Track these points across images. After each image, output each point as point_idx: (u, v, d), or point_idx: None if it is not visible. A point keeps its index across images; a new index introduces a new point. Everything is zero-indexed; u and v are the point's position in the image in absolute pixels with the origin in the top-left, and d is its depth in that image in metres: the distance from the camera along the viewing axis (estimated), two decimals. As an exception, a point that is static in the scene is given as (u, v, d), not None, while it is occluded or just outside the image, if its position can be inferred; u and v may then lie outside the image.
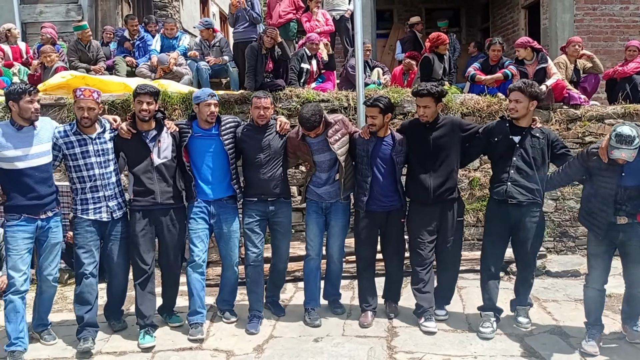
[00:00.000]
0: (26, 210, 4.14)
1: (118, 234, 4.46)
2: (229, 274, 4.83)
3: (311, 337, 4.47)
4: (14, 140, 4.06)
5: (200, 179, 4.60)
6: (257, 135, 4.65)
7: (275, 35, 6.73)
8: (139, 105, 4.35)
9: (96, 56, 8.45)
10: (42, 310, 4.44)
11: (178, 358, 4.18)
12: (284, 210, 4.79)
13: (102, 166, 4.34)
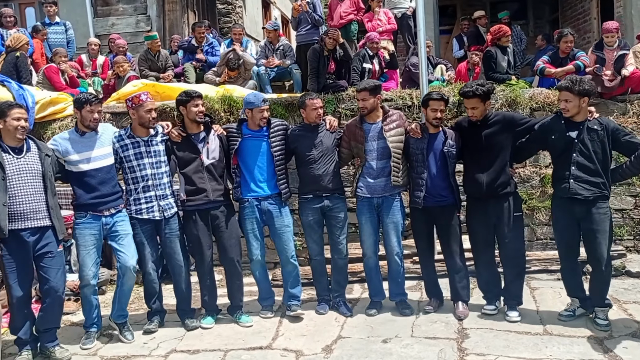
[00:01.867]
0: (91, 208, 4.46)
1: (173, 231, 4.71)
2: (289, 269, 4.93)
3: (380, 338, 4.44)
4: (78, 145, 4.44)
5: (249, 178, 4.80)
6: (309, 133, 4.87)
7: (337, 36, 6.74)
8: (195, 108, 4.65)
9: (165, 65, 8.73)
10: (122, 301, 4.63)
11: (249, 357, 4.25)
12: (339, 205, 4.93)
13: (155, 167, 4.62)
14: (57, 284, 4.25)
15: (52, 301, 4.27)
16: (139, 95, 4.57)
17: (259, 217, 4.84)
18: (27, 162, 4.15)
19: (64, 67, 7.87)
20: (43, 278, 4.25)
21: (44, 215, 4.18)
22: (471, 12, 10.59)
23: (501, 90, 6.52)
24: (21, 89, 6.41)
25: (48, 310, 4.30)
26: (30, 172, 4.14)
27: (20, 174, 4.09)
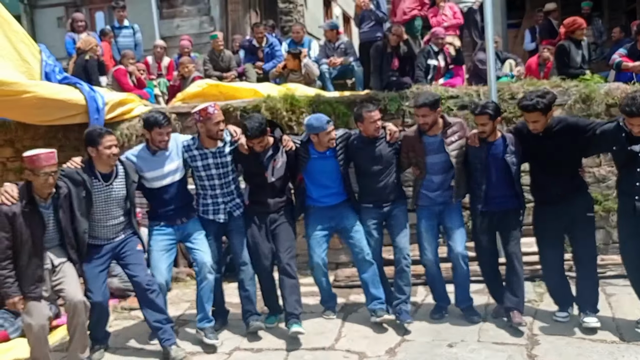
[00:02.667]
0: (164, 219, 4.54)
1: (240, 228, 4.71)
2: (366, 268, 4.73)
3: (445, 342, 4.32)
4: (150, 164, 4.45)
5: (316, 192, 4.73)
6: (368, 147, 4.67)
7: (401, 32, 6.63)
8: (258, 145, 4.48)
9: (229, 65, 8.84)
10: (204, 302, 4.58)
11: (311, 357, 4.23)
12: (399, 207, 4.79)
13: (222, 177, 4.61)
14: (142, 278, 4.32)
15: (144, 294, 4.32)
16: (206, 108, 4.44)
17: (326, 222, 4.76)
18: (115, 188, 4.26)
19: (132, 69, 8.12)
20: (130, 275, 4.38)
21: (122, 232, 4.38)
22: (542, 4, 10.18)
23: (574, 85, 6.22)
24: (92, 91, 6.62)
25: (145, 305, 4.35)
26: (115, 199, 4.27)
27: (106, 201, 4.22)
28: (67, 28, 9.69)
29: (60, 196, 4.02)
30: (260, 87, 7.37)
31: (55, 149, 7.04)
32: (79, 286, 4.17)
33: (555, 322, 4.52)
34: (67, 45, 8.88)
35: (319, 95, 6.87)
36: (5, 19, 6.25)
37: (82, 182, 4.11)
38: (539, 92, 4.26)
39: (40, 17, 12.37)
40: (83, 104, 6.46)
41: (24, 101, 5.88)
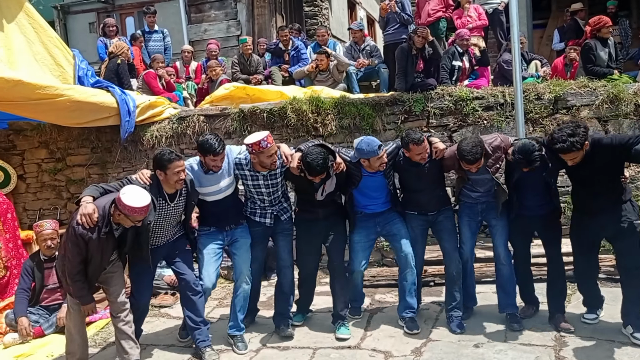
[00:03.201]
0: (214, 225, 4.59)
1: (285, 230, 4.73)
2: (406, 275, 4.68)
3: (471, 342, 4.32)
4: (204, 180, 4.45)
5: (363, 201, 4.69)
6: (413, 167, 4.54)
7: (427, 34, 6.63)
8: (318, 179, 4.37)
9: (256, 68, 8.95)
10: (237, 310, 4.60)
11: (338, 356, 4.28)
12: (445, 214, 4.73)
13: (272, 194, 4.61)
14: (189, 277, 4.40)
15: (190, 293, 4.39)
16: (259, 142, 4.25)
17: (373, 228, 4.73)
18: (176, 207, 4.31)
19: (162, 72, 8.28)
20: (177, 273, 4.46)
21: (177, 235, 4.47)
22: (568, 5, 10.09)
23: (602, 85, 6.17)
24: (124, 94, 6.80)
25: (189, 304, 4.42)
26: (174, 216, 4.34)
27: (165, 218, 4.27)
28: (99, 33, 9.92)
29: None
30: (286, 89, 7.46)
31: (88, 150, 7.39)
32: (124, 285, 4.27)
33: (584, 323, 4.49)
34: (99, 50, 9.09)
35: (344, 97, 6.94)
36: (41, 25, 6.46)
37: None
38: (569, 131, 3.91)
39: (73, 23, 12.69)
40: (115, 107, 6.64)
41: (59, 104, 6.06)
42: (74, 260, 3.87)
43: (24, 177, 7.74)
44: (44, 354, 4.66)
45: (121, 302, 4.17)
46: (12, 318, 5.02)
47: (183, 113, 7.28)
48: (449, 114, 6.46)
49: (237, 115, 6.91)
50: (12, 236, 5.82)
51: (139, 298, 4.36)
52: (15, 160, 7.69)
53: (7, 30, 6.12)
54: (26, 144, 7.71)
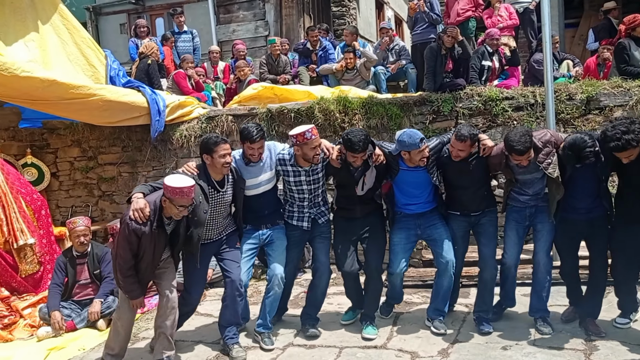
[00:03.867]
0: (251, 222, 4.61)
1: (322, 234, 4.71)
2: (443, 279, 4.63)
3: (499, 345, 4.28)
4: (245, 172, 4.47)
5: (403, 200, 4.62)
6: (457, 163, 4.41)
7: (456, 34, 6.59)
8: (353, 159, 4.35)
9: (284, 69, 9.00)
10: (267, 310, 4.61)
11: (364, 355, 4.28)
12: (488, 217, 4.61)
13: (312, 192, 4.60)
14: (235, 276, 4.43)
15: (235, 293, 4.42)
16: (303, 133, 4.28)
17: (413, 230, 4.65)
18: (224, 196, 4.35)
19: (191, 72, 8.38)
20: (224, 270, 4.50)
21: (229, 230, 4.51)
22: (600, 4, 9.91)
23: (636, 85, 6.04)
24: (154, 94, 6.90)
25: (230, 303, 4.46)
26: (224, 205, 4.39)
27: (216, 207, 4.32)
28: (130, 34, 10.09)
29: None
30: (313, 89, 7.48)
31: (119, 149, 7.52)
32: (175, 282, 4.31)
33: (616, 328, 4.41)
34: (130, 50, 9.25)
35: (372, 97, 6.93)
36: (74, 26, 6.62)
37: (202, 192, 4.13)
38: (623, 128, 3.75)
39: (104, 24, 12.91)
40: (145, 106, 6.75)
41: (91, 103, 6.19)
42: (126, 256, 3.93)
43: (57, 175, 7.92)
44: (76, 347, 4.77)
45: (171, 298, 4.22)
46: (45, 312, 5.14)
47: (211, 113, 7.37)
48: (478, 115, 6.40)
49: (264, 115, 6.96)
50: (46, 232, 5.97)
51: (191, 293, 4.44)
52: (49, 159, 7.87)
53: (42, 32, 6.29)
54: (59, 142, 7.89)
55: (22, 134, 7.80)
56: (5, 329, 5.18)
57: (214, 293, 5.99)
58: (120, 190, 7.69)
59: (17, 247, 5.51)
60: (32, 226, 5.69)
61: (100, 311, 5.16)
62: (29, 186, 6.14)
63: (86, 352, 4.69)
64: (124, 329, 4.25)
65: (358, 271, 4.78)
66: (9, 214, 5.49)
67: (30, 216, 5.77)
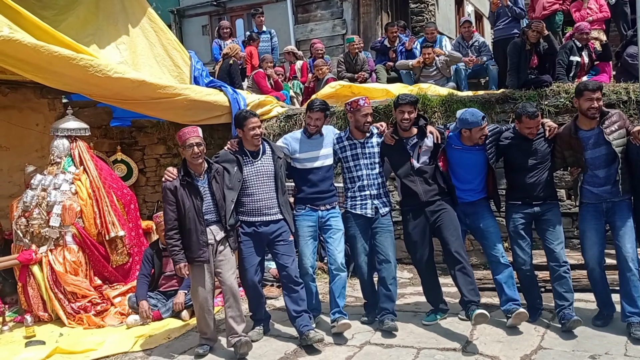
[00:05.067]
0: (310, 202, 4.81)
1: (384, 226, 4.80)
2: (500, 270, 4.64)
3: (587, 353, 4.08)
4: (306, 145, 4.85)
5: (457, 186, 4.72)
6: (524, 142, 4.53)
7: (542, 28, 6.35)
8: (401, 115, 4.65)
9: (362, 67, 8.99)
10: (336, 297, 4.74)
11: (443, 357, 4.21)
12: (551, 210, 4.58)
13: (369, 168, 4.78)
14: (291, 270, 4.62)
15: (292, 285, 4.61)
16: (357, 100, 4.74)
17: (463, 220, 4.73)
18: (263, 164, 4.66)
19: (270, 72, 8.54)
20: (280, 265, 4.68)
21: (275, 211, 4.67)
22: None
23: None
24: (235, 93, 7.08)
25: (290, 295, 4.63)
26: (265, 174, 4.65)
27: (257, 176, 4.63)
28: (213, 35, 10.40)
29: (212, 171, 4.50)
30: (392, 87, 7.44)
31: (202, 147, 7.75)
32: (235, 272, 4.59)
33: None
34: (213, 51, 9.55)
35: (451, 94, 6.80)
36: (161, 28, 6.91)
37: (234, 159, 4.61)
38: None
39: (188, 26, 13.41)
40: (227, 106, 6.95)
41: (177, 103, 6.45)
42: (167, 215, 4.39)
43: (144, 171, 8.30)
44: (162, 336, 4.98)
45: (229, 286, 4.47)
46: (134, 301, 5.42)
47: (290, 111, 7.47)
48: (565, 112, 6.12)
49: (342, 113, 6.98)
50: (135, 225, 6.27)
51: (248, 278, 4.61)
52: (137, 155, 8.26)
53: (132, 34, 6.62)
54: (146, 140, 8.26)
55: (113, 131, 8.22)
56: (98, 315, 5.51)
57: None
58: (203, 186, 7.92)
59: (109, 239, 5.82)
60: (122, 219, 5.98)
61: (184, 302, 5.38)
62: (119, 181, 6.46)
63: (171, 340, 4.89)
64: (203, 309, 4.48)
65: (431, 263, 4.80)
66: (101, 207, 5.81)
67: (121, 210, 6.07)
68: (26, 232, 5.74)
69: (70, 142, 6.04)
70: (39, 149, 7.34)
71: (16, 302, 5.90)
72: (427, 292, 4.97)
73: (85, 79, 5.56)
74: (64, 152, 6.00)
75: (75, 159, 5.97)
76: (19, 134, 7.23)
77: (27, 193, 5.88)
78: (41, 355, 4.53)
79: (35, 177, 5.98)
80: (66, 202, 5.69)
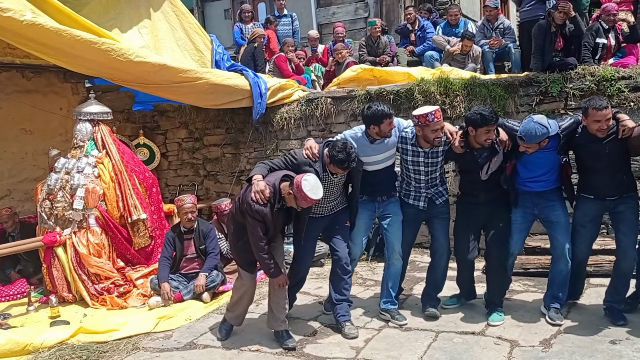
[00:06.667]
0: (367, 194, 4.64)
1: (440, 214, 4.68)
2: (560, 266, 4.45)
3: (607, 339, 4.04)
4: (367, 149, 4.51)
5: (523, 173, 4.44)
6: (592, 143, 4.17)
7: (569, 9, 6.20)
8: (485, 135, 4.23)
9: (383, 50, 8.90)
10: (389, 286, 4.70)
11: (461, 341, 4.20)
12: (627, 203, 4.29)
13: (429, 173, 4.58)
14: (342, 254, 4.52)
15: (340, 271, 4.53)
16: (426, 115, 4.28)
17: (529, 209, 4.48)
18: (338, 179, 4.43)
19: (291, 55, 8.51)
20: (332, 249, 4.62)
21: (340, 206, 4.57)
22: None
23: None
24: (256, 77, 7.10)
25: (336, 280, 4.57)
26: (337, 186, 4.46)
27: (329, 188, 4.38)
28: (234, 19, 10.38)
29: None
30: (413, 70, 7.36)
31: (223, 130, 7.82)
32: (283, 257, 4.53)
33: None
34: (235, 35, 9.53)
35: (474, 77, 6.71)
36: (183, 12, 6.93)
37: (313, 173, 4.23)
38: None
39: (210, 10, 13.37)
40: (248, 89, 6.97)
41: (198, 87, 6.48)
42: (257, 234, 4.08)
43: (166, 155, 8.38)
44: (183, 317, 5.06)
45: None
46: (156, 283, 5.50)
47: (311, 95, 7.45)
48: (590, 95, 5.96)
49: (363, 97, 6.94)
50: (157, 208, 6.35)
51: (300, 264, 4.60)
52: (159, 139, 8.34)
53: (154, 18, 6.64)
54: (168, 124, 8.33)
55: (135, 116, 8.31)
56: (120, 297, 5.61)
57: (311, 272, 6.10)
58: (224, 170, 8.01)
59: (131, 221, 5.90)
60: (144, 202, 6.06)
61: (205, 284, 5.44)
62: (141, 165, 6.53)
63: (192, 322, 4.97)
64: (247, 299, 4.51)
65: (474, 259, 4.71)
66: (124, 191, 5.89)
67: (143, 193, 6.14)
68: (50, 214, 5.86)
69: (92, 126, 6.12)
70: (62, 132, 7.48)
71: (41, 283, 6.05)
72: (460, 280, 4.91)
73: (107, 62, 5.61)
74: (86, 135, 6.09)
75: (98, 143, 6.06)
76: (43, 118, 7.36)
77: (51, 176, 5.98)
78: (66, 335, 4.63)
79: (59, 160, 6.08)
80: (89, 185, 5.78)
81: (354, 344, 4.28)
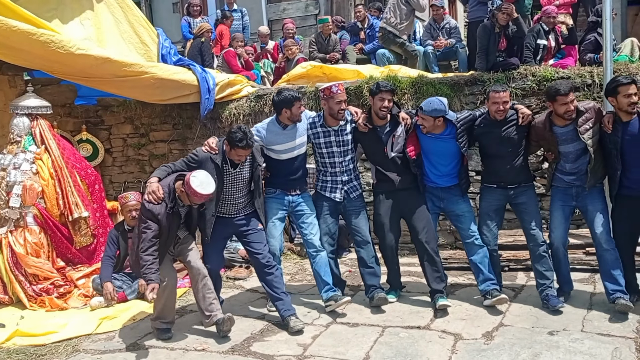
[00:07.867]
0: (280, 186, 4.77)
1: (356, 208, 4.85)
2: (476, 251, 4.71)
3: (545, 330, 4.18)
4: (281, 137, 4.69)
5: (428, 171, 4.75)
6: (495, 129, 4.56)
7: (511, 11, 6.38)
8: (380, 102, 4.59)
9: (334, 48, 8.91)
10: (322, 275, 4.74)
11: (407, 335, 4.26)
12: (525, 191, 4.65)
13: (342, 155, 4.77)
14: (262, 254, 4.57)
15: (265, 269, 4.56)
16: (330, 87, 4.63)
17: (436, 203, 4.79)
18: (241, 173, 4.52)
19: (240, 51, 8.43)
20: (251, 253, 4.64)
21: (247, 210, 4.65)
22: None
23: None
24: (204, 72, 6.98)
25: (266, 279, 4.58)
26: (242, 182, 4.54)
27: (233, 183, 4.50)
28: (183, 12, 10.19)
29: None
30: (363, 68, 7.41)
31: (170, 126, 7.65)
32: (199, 254, 4.55)
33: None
34: (182, 29, 9.35)
35: (421, 76, 6.81)
36: (128, 4, 6.74)
37: (214, 168, 4.36)
38: None
39: (158, 3, 13.09)
40: (195, 85, 6.84)
41: (143, 81, 6.33)
42: (147, 237, 4.13)
43: (111, 151, 8.14)
44: (127, 317, 4.93)
45: (199, 268, 4.42)
46: (98, 283, 5.34)
47: (260, 91, 7.40)
48: (532, 95, 6.19)
49: (313, 94, 6.94)
50: (99, 206, 6.17)
51: (207, 262, 4.57)
52: (103, 135, 8.09)
53: (97, 10, 6.43)
54: (113, 119, 8.08)
55: (77, 110, 8.01)
56: (60, 297, 5.42)
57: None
58: (171, 167, 7.83)
59: (72, 219, 5.71)
60: (86, 200, 5.88)
61: None
62: (83, 161, 6.33)
63: (136, 322, 4.85)
64: (173, 296, 4.49)
65: (397, 245, 4.88)
66: (64, 188, 5.69)
67: (85, 190, 5.96)
68: (-15, 213, 5.61)
69: (30, 121, 5.89)
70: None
71: (-24, 284, 5.77)
72: (389, 273, 5.02)
73: (46, 55, 5.41)
74: (24, 130, 5.84)
75: (36, 138, 5.83)
76: (-23, 112, 7.02)
77: (-14, 173, 5.73)
78: (1, 338, 4.46)
79: (-6, 156, 5.83)
80: (27, 182, 5.56)
81: (301, 340, 4.27)
